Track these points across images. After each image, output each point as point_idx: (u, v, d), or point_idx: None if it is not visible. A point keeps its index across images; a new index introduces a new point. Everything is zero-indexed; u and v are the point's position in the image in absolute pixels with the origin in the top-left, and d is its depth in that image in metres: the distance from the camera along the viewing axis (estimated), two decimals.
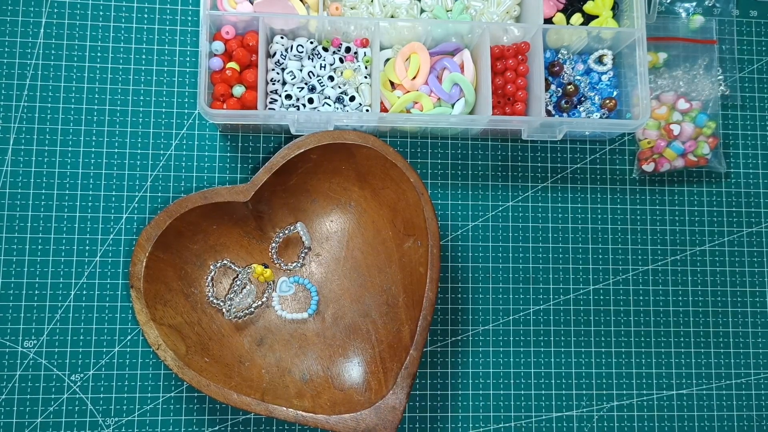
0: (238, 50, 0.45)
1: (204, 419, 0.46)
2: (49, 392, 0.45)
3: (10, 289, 0.46)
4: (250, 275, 0.46)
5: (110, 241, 0.47)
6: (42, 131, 0.47)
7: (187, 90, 0.49)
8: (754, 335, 0.51)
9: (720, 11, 0.53)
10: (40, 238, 0.46)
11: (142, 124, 0.48)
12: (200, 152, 0.48)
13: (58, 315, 0.46)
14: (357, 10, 0.48)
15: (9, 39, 0.47)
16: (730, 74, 0.53)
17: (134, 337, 0.46)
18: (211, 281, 0.46)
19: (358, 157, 0.45)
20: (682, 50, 0.51)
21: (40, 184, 0.47)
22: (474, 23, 0.47)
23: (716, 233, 0.52)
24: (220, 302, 0.45)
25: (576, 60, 0.49)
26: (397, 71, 0.47)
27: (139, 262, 0.42)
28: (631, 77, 0.47)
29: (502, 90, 0.47)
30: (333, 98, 0.46)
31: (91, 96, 0.48)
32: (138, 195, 0.47)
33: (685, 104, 0.50)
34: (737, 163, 0.53)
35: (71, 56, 0.48)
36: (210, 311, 0.46)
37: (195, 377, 0.42)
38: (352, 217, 0.47)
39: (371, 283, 0.47)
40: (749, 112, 0.53)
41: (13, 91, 0.47)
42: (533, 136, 0.47)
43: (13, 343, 0.45)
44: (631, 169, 0.51)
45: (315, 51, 0.47)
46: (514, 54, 0.47)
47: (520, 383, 0.48)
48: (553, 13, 0.49)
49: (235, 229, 0.46)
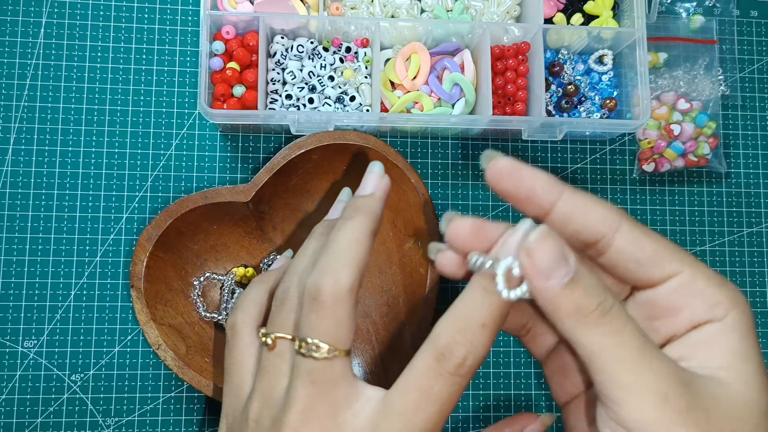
0: (238, 50, 0.45)
1: (204, 419, 0.46)
2: (49, 392, 0.45)
3: (10, 289, 0.46)
4: (234, 280, 0.46)
5: (110, 241, 0.47)
6: (42, 131, 0.47)
7: (187, 90, 0.49)
8: None
9: (720, 11, 0.53)
10: (40, 238, 0.46)
11: (143, 124, 0.48)
12: (200, 152, 0.48)
13: (59, 315, 0.46)
14: (357, 10, 0.48)
15: (9, 39, 0.47)
16: (731, 74, 0.53)
17: (134, 337, 0.46)
18: (198, 297, 0.45)
19: (358, 157, 0.44)
20: (682, 50, 0.51)
21: (40, 184, 0.47)
22: (474, 23, 0.47)
23: (716, 233, 0.52)
24: (214, 315, 0.45)
25: (576, 60, 0.49)
26: (398, 71, 0.47)
27: (140, 262, 0.42)
28: (631, 77, 0.47)
29: (503, 90, 0.47)
30: (333, 98, 0.46)
31: (91, 96, 0.48)
32: (138, 195, 0.47)
33: (685, 104, 0.50)
34: (737, 163, 0.53)
35: (71, 56, 0.48)
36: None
37: (195, 377, 0.42)
38: None
39: (371, 284, 0.47)
40: (750, 112, 0.53)
41: (13, 91, 0.47)
42: (534, 136, 0.47)
43: (13, 343, 0.45)
44: (631, 169, 0.51)
45: (315, 51, 0.47)
46: (514, 54, 0.47)
47: (520, 383, 0.48)
48: (553, 13, 0.49)
49: (236, 229, 0.46)
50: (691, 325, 0.28)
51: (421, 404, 0.28)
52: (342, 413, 0.29)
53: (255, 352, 0.35)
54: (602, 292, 0.27)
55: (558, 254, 0.26)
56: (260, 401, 0.32)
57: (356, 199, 0.34)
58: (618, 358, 0.26)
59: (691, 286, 0.28)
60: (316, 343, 0.29)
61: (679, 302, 0.28)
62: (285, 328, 0.32)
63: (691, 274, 0.28)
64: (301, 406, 0.29)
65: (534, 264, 0.26)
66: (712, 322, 0.28)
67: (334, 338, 0.30)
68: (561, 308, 0.26)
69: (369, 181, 0.35)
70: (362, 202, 0.33)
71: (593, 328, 0.26)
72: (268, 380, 0.32)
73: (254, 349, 0.35)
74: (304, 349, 0.30)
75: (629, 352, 0.26)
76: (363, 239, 0.32)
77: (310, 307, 0.30)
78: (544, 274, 0.26)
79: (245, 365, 0.35)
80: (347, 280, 0.30)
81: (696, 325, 0.28)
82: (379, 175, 0.35)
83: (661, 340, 0.29)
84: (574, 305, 0.26)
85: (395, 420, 0.28)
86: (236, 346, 0.36)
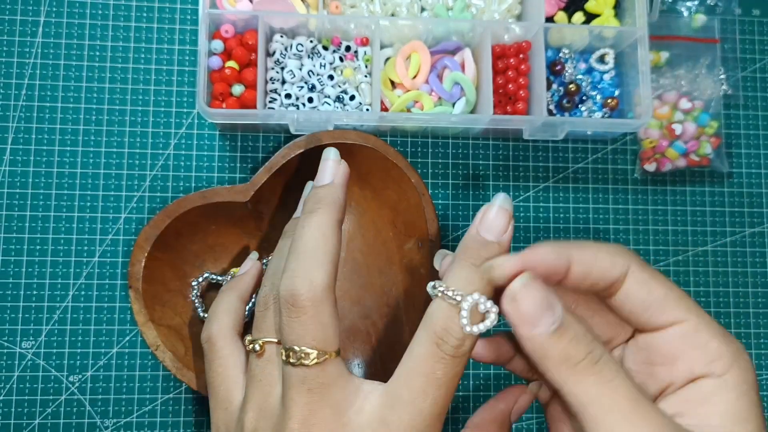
0: (237, 49, 0.44)
1: (203, 420, 0.46)
2: (47, 393, 0.45)
3: (8, 289, 0.45)
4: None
5: (109, 242, 0.46)
6: (40, 131, 0.47)
7: (186, 89, 0.48)
8: (756, 336, 0.51)
9: (722, 10, 0.53)
10: (38, 238, 0.46)
11: (141, 123, 0.48)
12: (199, 152, 0.48)
13: (57, 316, 0.45)
14: (357, 9, 0.47)
15: (7, 38, 0.47)
16: (733, 73, 0.52)
17: (133, 338, 0.46)
18: (197, 297, 0.44)
19: (358, 157, 0.44)
20: (684, 49, 0.51)
21: (38, 183, 0.46)
22: (475, 22, 0.46)
23: (718, 233, 0.51)
24: None
25: (578, 59, 0.49)
26: (398, 70, 0.46)
27: (138, 262, 0.42)
28: (633, 76, 0.47)
29: (504, 89, 0.47)
30: (333, 97, 0.46)
31: (89, 95, 0.47)
32: (137, 195, 0.47)
33: (687, 104, 0.50)
34: (739, 162, 0.52)
35: (70, 55, 0.48)
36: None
37: (194, 378, 0.42)
38: (352, 218, 0.47)
39: (371, 285, 0.46)
40: (752, 111, 0.53)
41: (11, 90, 0.47)
42: (535, 135, 0.47)
43: (11, 344, 0.45)
44: (633, 169, 0.51)
45: (315, 50, 0.47)
46: (515, 53, 0.47)
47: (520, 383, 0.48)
48: (554, 11, 0.48)
49: (235, 229, 0.46)
50: (690, 377, 0.28)
51: (428, 390, 0.28)
52: (345, 413, 0.29)
53: (238, 361, 0.34)
54: (591, 342, 0.27)
55: (544, 302, 0.26)
56: (255, 412, 0.31)
57: (316, 190, 0.33)
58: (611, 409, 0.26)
59: (693, 337, 0.28)
60: (304, 350, 0.29)
61: (679, 351, 0.28)
62: (273, 333, 0.32)
63: (695, 324, 0.28)
64: (302, 415, 0.29)
65: (519, 311, 0.26)
66: (710, 377, 0.27)
67: (322, 342, 0.29)
68: (549, 356, 0.26)
69: (326, 170, 0.34)
70: (323, 193, 0.32)
71: (583, 378, 0.26)
72: (260, 389, 0.31)
73: (236, 359, 0.34)
74: (293, 358, 0.29)
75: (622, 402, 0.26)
76: (329, 233, 0.31)
77: (289, 314, 0.29)
78: (531, 321, 0.26)
79: (230, 377, 0.34)
80: (321, 279, 0.30)
81: (694, 378, 0.28)
82: (336, 161, 0.34)
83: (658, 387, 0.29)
84: (563, 353, 0.26)
85: (403, 409, 0.28)
86: (217, 358, 0.35)
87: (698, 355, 0.28)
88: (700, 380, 0.27)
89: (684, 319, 0.28)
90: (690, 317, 0.28)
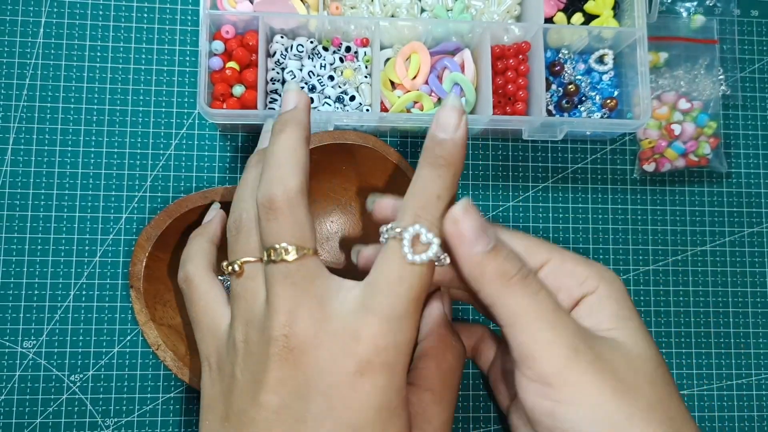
0: (237, 50, 0.44)
1: None
2: (48, 393, 0.45)
3: (10, 289, 0.45)
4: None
5: (110, 241, 0.47)
6: (41, 131, 0.47)
7: (186, 90, 0.49)
8: (755, 336, 0.51)
9: (721, 11, 0.53)
10: (40, 238, 0.46)
11: (142, 123, 0.48)
12: (200, 152, 0.48)
13: (58, 315, 0.46)
14: (357, 10, 0.48)
15: (8, 38, 0.47)
16: (731, 74, 0.53)
17: (134, 338, 0.46)
18: None
19: (358, 157, 0.44)
20: (683, 50, 0.51)
21: (39, 183, 0.46)
22: (474, 22, 0.47)
23: (717, 233, 0.51)
24: None
25: (577, 59, 0.49)
26: (398, 71, 0.46)
27: (139, 262, 0.42)
28: (632, 77, 0.47)
29: (503, 90, 0.47)
30: (333, 98, 0.46)
31: (90, 96, 0.48)
32: (138, 195, 0.47)
33: (686, 104, 0.50)
34: (738, 163, 0.52)
35: (71, 56, 0.48)
36: None
37: (195, 378, 0.42)
38: (351, 217, 0.47)
39: None
40: (750, 112, 0.53)
41: (12, 90, 0.47)
42: (534, 135, 0.47)
43: (13, 343, 0.45)
44: (632, 169, 0.51)
45: (315, 50, 0.47)
46: (514, 53, 0.47)
47: None
48: (553, 12, 0.48)
49: None
50: (573, 301, 0.33)
51: (404, 275, 0.30)
52: (329, 303, 0.31)
53: (219, 295, 0.36)
54: (521, 260, 0.31)
55: (481, 225, 0.31)
56: (243, 324, 0.32)
57: (282, 114, 0.35)
58: (537, 317, 0.30)
59: (561, 269, 0.33)
60: (284, 246, 0.31)
61: (557, 282, 0.33)
62: (248, 253, 0.33)
63: (560, 259, 0.34)
64: (287, 307, 0.30)
65: (460, 232, 0.30)
66: (587, 296, 0.33)
67: (300, 239, 0.31)
68: (486, 273, 0.30)
69: (289, 98, 0.36)
70: (288, 116, 0.35)
71: (515, 291, 0.30)
72: (245, 304, 0.33)
73: (217, 293, 0.36)
74: (274, 256, 0.31)
75: (546, 312, 0.30)
76: (299, 146, 0.33)
77: (267, 217, 0.31)
78: (470, 241, 0.30)
79: (214, 308, 0.35)
80: (295, 182, 0.32)
81: (576, 301, 0.33)
82: (296, 91, 0.36)
83: None
84: (498, 269, 0.30)
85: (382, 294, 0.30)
86: (197, 294, 0.36)
87: (570, 282, 0.33)
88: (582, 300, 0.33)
89: (549, 258, 0.34)
90: (553, 255, 0.34)
